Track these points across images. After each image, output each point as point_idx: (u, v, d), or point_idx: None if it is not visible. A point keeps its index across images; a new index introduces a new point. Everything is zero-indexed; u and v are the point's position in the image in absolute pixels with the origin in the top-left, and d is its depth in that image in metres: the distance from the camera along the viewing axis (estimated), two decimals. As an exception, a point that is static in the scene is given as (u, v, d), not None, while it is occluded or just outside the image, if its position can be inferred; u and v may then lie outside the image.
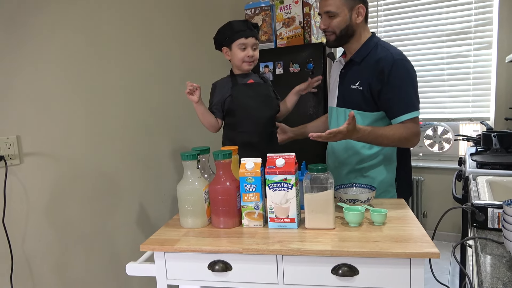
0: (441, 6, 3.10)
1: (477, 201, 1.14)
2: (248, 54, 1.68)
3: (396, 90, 1.47)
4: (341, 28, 1.53)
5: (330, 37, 1.57)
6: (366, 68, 1.52)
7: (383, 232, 1.16)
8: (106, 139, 1.83)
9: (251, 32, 1.68)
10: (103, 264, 1.82)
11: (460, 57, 3.10)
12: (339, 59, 1.68)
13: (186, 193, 1.29)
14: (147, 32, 2.06)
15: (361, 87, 1.52)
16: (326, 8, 1.52)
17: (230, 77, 1.75)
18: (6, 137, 1.42)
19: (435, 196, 3.21)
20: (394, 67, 1.47)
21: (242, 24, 1.68)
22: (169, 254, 1.19)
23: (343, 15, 1.51)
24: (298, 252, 1.08)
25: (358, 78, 1.54)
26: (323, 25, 1.56)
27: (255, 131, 1.71)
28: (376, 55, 1.52)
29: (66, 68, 1.64)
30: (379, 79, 1.48)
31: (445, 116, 3.22)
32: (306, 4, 2.58)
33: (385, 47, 1.54)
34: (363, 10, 1.53)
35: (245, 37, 1.67)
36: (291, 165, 1.21)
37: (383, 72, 1.47)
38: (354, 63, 1.57)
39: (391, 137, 1.46)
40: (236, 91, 1.70)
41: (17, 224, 1.48)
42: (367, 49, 1.55)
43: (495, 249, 1.01)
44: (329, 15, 1.52)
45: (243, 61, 1.69)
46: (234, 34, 1.67)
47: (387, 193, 1.61)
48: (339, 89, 1.63)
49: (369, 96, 1.51)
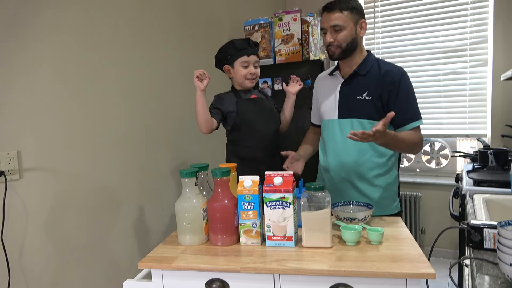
0: (437, 24, 3.16)
1: (473, 221, 1.15)
2: (250, 71, 1.73)
3: (405, 100, 1.59)
4: (347, 41, 1.59)
5: (336, 50, 1.61)
6: (373, 80, 1.61)
7: (380, 251, 1.17)
8: (106, 154, 1.84)
9: (252, 50, 1.73)
10: (101, 280, 1.81)
11: (456, 74, 3.14)
12: (336, 74, 1.72)
13: (184, 210, 1.30)
14: (147, 48, 2.09)
15: (370, 97, 1.60)
16: (333, 22, 1.57)
17: (233, 92, 1.79)
18: (7, 153, 1.43)
19: (433, 212, 3.21)
20: (403, 79, 1.60)
21: (244, 43, 1.74)
22: (166, 272, 1.19)
23: (350, 29, 1.58)
24: (295, 271, 1.08)
25: (365, 89, 1.61)
26: (330, 39, 1.60)
27: (260, 146, 1.74)
28: (380, 68, 1.62)
29: (65, 82, 1.66)
30: (389, 90, 1.58)
31: (442, 132, 3.25)
32: (304, 22, 2.63)
33: (384, 62, 1.67)
34: (365, 25, 1.63)
35: (247, 55, 1.72)
36: (288, 184, 1.22)
37: (394, 83, 1.58)
38: (358, 76, 1.64)
39: (407, 141, 1.56)
40: (241, 107, 1.73)
41: (15, 238, 1.48)
42: (369, 62, 1.64)
43: (490, 269, 1.02)
44: (335, 28, 1.58)
45: (246, 78, 1.74)
46: (236, 52, 1.72)
47: (393, 201, 1.69)
48: (340, 101, 1.67)
49: (380, 105, 1.60)
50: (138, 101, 2.03)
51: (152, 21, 2.12)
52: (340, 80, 1.69)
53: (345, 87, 1.67)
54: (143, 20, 2.06)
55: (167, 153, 2.23)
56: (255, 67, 1.75)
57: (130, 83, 1.98)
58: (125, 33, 1.94)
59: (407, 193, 3.24)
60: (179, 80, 2.32)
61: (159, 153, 2.18)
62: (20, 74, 1.48)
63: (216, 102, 1.77)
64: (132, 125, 1.99)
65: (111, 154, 1.87)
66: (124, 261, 1.93)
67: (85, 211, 1.74)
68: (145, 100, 2.07)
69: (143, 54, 2.06)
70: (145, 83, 2.07)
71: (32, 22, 1.52)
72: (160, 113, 2.18)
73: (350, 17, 1.57)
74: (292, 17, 2.65)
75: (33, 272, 1.53)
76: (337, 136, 1.67)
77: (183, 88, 2.35)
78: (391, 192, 1.69)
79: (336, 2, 1.58)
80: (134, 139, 2.01)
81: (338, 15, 1.57)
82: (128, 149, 1.97)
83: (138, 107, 2.03)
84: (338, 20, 1.57)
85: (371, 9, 3.39)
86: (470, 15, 3.05)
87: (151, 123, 2.12)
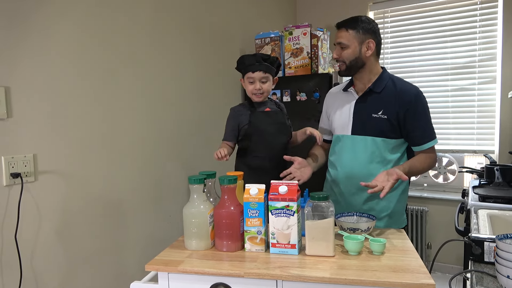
0: (447, 41, 3.19)
1: (474, 234, 1.17)
2: (255, 87, 1.76)
3: (422, 120, 1.64)
4: (350, 59, 1.63)
5: (340, 66, 1.68)
6: (389, 98, 1.63)
7: (382, 261, 1.19)
8: (117, 161, 1.90)
9: (258, 66, 1.75)
10: (109, 282, 1.85)
11: (465, 90, 3.16)
12: (350, 90, 1.74)
13: (191, 215, 1.34)
14: (161, 58, 2.16)
15: (385, 116, 1.62)
16: (338, 39, 1.65)
17: (248, 105, 1.84)
18: (24, 155, 1.49)
19: (439, 227, 3.20)
20: (418, 98, 1.63)
21: (252, 59, 1.76)
22: (172, 275, 1.23)
23: (353, 48, 1.62)
24: (298, 278, 1.11)
25: (380, 108, 1.63)
26: (335, 55, 1.68)
27: (268, 156, 1.78)
28: (396, 86, 1.65)
29: (82, 89, 1.73)
30: (405, 109, 1.61)
31: (450, 148, 3.25)
32: (314, 36, 2.68)
33: (400, 79, 1.70)
34: (373, 45, 1.64)
35: (252, 71, 1.75)
36: (293, 193, 1.26)
37: (410, 103, 1.61)
38: (372, 93, 1.66)
39: (421, 168, 1.65)
40: (255, 118, 1.78)
41: (28, 239, 1.53)
42: (384, 80, 1.67)
43: (490, 282, 1.03)
44: (341, 46, 1.64)
45: (252, 94, 1.78)
46: (244, 68, 1.78)
47: (401, 215, 1.73)
48: (354, 118, 1.69)
49: (396, 124, 1.62)
50: (150, 110, 2.09)
51: (165, 33, 2.19)
52: (355, 97, 1.70)
53: (360, 104, 1.68)
54: (156, 31, 2.13)
55: (177, 161, 2.28)
56: (263, 82, 1.77)
57: (144, 92, 2.04)
58: (140, 44, 2.02)
59: (413, 207, 3.23)
60: (190, 90, 2.39)
61: (169, 160, 2.23)
62: (38, 79, 1.55)
63: (229, 122, 1.83)
64: (144, 133, 2.05)
65: (123, 161, 1.93)
66: (132, 266, 1.97)
67: (95, 215, 1.79)
68: (156, 109, 2.13)
69: (156, 65, 2.13)
70: (158, 93, 2.14)
71: (53, 25, 1.60)
72: (171, 121, 2.24)
73: (355, 37, 1.61)
74: (302, 31, 2.71)
75: (43, 273, 1.58)
76: (349, 151, 1.69)
77: (194, 97, 2.42)
78: (400, 207, 1.71)
79: (346, 20, 1.64)
80: (146, 147, 2.06)
81: (344, 33, 1.63)
82: (139, 156, 2.02)
83: (150, 116, 2.09)
84: (342, 38, 1.63)
85: (381, 24, 3.44)
86: (479, 32, 3.09)
87: (162, 132, 2.17)
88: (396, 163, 1.66)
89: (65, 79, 1.65)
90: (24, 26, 1.49)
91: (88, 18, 1.75)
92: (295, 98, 2.73)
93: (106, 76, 1.84)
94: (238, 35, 2.88)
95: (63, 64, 1.64)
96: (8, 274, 1.45)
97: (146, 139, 2.07)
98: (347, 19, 1.65)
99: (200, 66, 2.47)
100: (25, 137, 1.51)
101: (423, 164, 1.64)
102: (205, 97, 2.52)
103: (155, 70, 2.12)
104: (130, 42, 1.96)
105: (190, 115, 2.39)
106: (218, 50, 2.64)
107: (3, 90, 1.42)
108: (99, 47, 1.80)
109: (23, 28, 1.49)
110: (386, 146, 1.64)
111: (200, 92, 2.47)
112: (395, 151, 1.66)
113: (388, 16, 3.42)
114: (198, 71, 2.45)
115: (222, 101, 2.68)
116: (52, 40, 1.59)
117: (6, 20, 1.43)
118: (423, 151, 1.66)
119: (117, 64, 1.90)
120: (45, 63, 1.57)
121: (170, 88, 2.23)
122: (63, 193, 1.65)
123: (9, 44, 1.45)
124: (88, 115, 1.76)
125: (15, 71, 1.47)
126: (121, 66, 1.92)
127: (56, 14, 1.60)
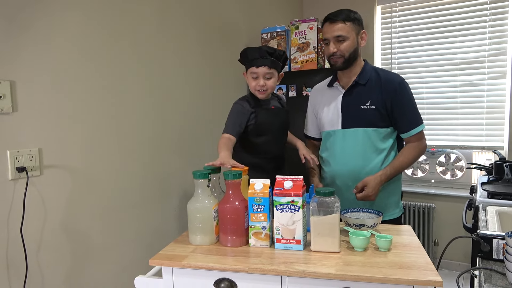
0: (455, 35, 3.14)
1: (483, 231, 1.15)
2: (259, 83, 1.67)
3: (407, 107, 1.66)
4: (350, 51, 1.63)
5: (338, 60, 1.65)
6: (374, 89, 1.66)
7: (388, 258, 1.17)
8: (123, 156, 1.90)
9: (263, 60, 1.64)
10: (113, 277, 1.86)
11: (474, 86, 3.11)
12: (335, 85, 1.75)
13: (196, 210, 1.33)
14: (165, 54, 2.15)
15: (374, 106, 1.64)
16: (336, 32, 1.61)
17: (252, 100, 1.73)
18: (29, 149, 1.50)
19: (446, 224, 3.17)
20: (403, 86, 1.66)
21: (255, 52, 1.66)
22: (176, 269, 1.22)
23: (352, 39, 1.63)
24: (303, 274, 1.10)
25: (368, 98, 1.66)
26: (334, 49, 1.63)
27: (269, 155, 1.74)
28: (380, 76, 1.67)
29: (87, 83, 1.72)
30: (391, 98, 1.63)
31: (458, 144, 3.21)
32: (320, 30, 2.66)
33: (382, 70, 1.73)
34: (366, 35, 1.69)
35: (256, 66, 1.65)
36: (298, 188, 1.24)
37: (396, 91, 1.64)
38: (358, 85, 1.68)
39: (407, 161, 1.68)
40: (261, 117, 1.70)
41: (34, 233, 1.53)
42: (368, 71, 1.69)
43: (499, 280, 1.01)
44: (339, 39, 1.62)
45: (255, 90, 1.70)
46: (248, 62, 1.69)
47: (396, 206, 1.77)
48: (343, 112, 1.70)
49: (385, 113, 1.65)
50: (156, 105, 2.08)
51: (171, 27, 2.18)
52: (341, 91, 1.72)
53: (347, 98, 1.70)
54: (162, 26, 2.12)
55: (182, 156, 2.28)
56: (267, 78, 1.66)
57: (149, 87, 2.04)
58: (146, 39, 2.01)
59: (420, 204, 3.20)
60: (196, 85, 2.38)
61: (175, 155, 2.22)
62: (44, 73, 1.55)
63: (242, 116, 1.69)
64: (150, 129, 2.05)
65: (128, 156, 1.92)
66: (136, 261, 1.97)
67: (100, 209, 1.79)
68: (162, 105, 2.12)
69: (163, 59, 2.12)
70: (164, 88, 2.13)
71: (59, 18, 1.59)
72: (177, 116, 2.23)
73: (352, 28, 1.62)
74: (309, 26, 2.69)
75: (49, 267, 1.58)
76: (342, 145, 1.70)
77: (200, 92, 2.41)
78: (394, 198, 1.75)
79: (338, 13, 1.63)
80: (151, 142, 2.06)
81: (341, 25, 1.61)
82: (145, 151, 2.02)
83: (156, 111, 2.08)
84: (341, 30, 1.61)
85: (388, 19, 3.40)
86: (489, 26, 3.03)
87: (168, 127, 2.17)
88: (389, 150, 1.70)
89: (70, 73, 1.65)
90: (29, 19, 1.49)
91: (95, 11, 1.74)
92: (301, 93, 2.71)
93: (112, 70, 1.83)
94: (244, 30, 2.86)
95: (69, 58, 1.64)
96: (14, 268, 1.46)
97: (152, 133, 2.06)
98: (338, 12, 1.63)
99: (206, 61, 2.45)
100: (30, 131, 1.51)
101: (409, 156, 1.68)
102: (211, 92, 2.51)
103: (161, 65, 2.11)
104: (137, 37, 1.95)
105: (195, 110, 2.38)
106: (224, 45, 2.62)
107: (8, 84, 1.42)
108: (105, 41, 1.79)
109: (28, 22, 1.48)
110: (378, 136, 1.66)
111: (206, 87, 2.46)
112: (386, 139, 1.69)
113: (396, 10, 3.37)
114: (204, 66, 2.44)
115: (228, 96, 2.66)
116: (57, 34, 1.59)
117: (11, 13, 1.43)
118: (411, 137, 1.68)
119: (123, 59, 1.89)
120: (51, 56, 1.57)
121: (176, 83, 2.22)
122: (68, 187, 1.65)
123: (14, 37, 1.44)
124: (94, 109, 1.75)
125: (20, 65, 1.47)
126: (127, 61, 1.91)
127: (61, 7, 1.60)
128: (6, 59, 1.42)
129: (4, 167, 1.42)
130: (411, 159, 1.69)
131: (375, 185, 1.59)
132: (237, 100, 1.80)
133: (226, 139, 1.63)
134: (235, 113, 1.72)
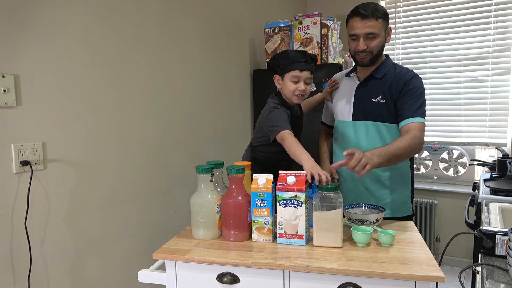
0: (460, 31, 3.12)
1: (485, 227, 1.15)
2: (299, 88, 1.59)
3: (411, 96, 1.59)
4: (378, 48, 1.61)
5: (366, 56, 1.60)
6: (388, 83, 1.63)
7: (390, 253, 1.18)
8: (126, 150, 1.90)
9: (307, 65, 1.59)
10: (117, 270, 1.87)
11: (477, 82, 3.10)
12: (352, 75, 1.74)
13: (199, 205, 1.33)
14: (169, 49, 2.15)
15: (384, 100, 1.62)
16: (368, 29, 1.56)
17: (284, 107, 1.64)
18: (33, 143, 1.50)
19: (448, 221, 3.17)
20: (413, 79, 1.60)
21: (300, 55, 1.59)
22: (179, 263, 1.23)
23: (381, 36, 1.60)
24: (305, 268, 1.11)
25: (380, 92, 1.63)
26: (364, 46, 1.57)
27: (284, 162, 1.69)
28: (396, 71, 1.64)
29: (91, 78, 1.73)
30: (399, 89, 1.60)
31: (461, 140, 3.20)
32: (324, 26, 2.64)
33: (401, 66, 1.69)
34: (391, 31, 1.66)
35: (300, 70, 1.58)
36: (301, 183, 1.25)
37: (405, 83, 1.59)
38: (373, 79, 1.66)
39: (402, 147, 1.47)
40: (291, 124, 1.61)
41: (38, 226, 1.54)
42: (387, 66, 1.66)
43: (501, 276, 1.02)
44: (369, 36, 1.57)
45: (294, 94, 1.60)
46: (289, 64, 1.59)
47: (404, 204, 1.70)
48: (355, 103, 1.69)
49: (393, 107, 1.62)
50: (160, 101, 2.08)
51: (174, 22, 2.18)
52: (356, 82, 1.71)
53: (360, 90, 1.69)
54: (165, 20, 2.12)
55: (185, 151, 2.28)
56: (307, 83, 1.60)
57: (153, 82, 2.04)
58: (149, 33, 2.00)
59: (423, 200, 3.20)
60: (199, 80, 2.37)
61: (178, 150, 2.23)
62: (47, 67, 1.55)
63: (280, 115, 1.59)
64: (153, 124, 2.05)
65: (131, 151, 1.93)
66: (139, 254, 1.98)
67: (103, 203, 1.80)
68: (166, 100, 2.13)
69: (166, 54, 2.11)
70: (167, 83, 2.13)
71: (63, 12, 1.59)
72: (180, 113, 2.23)
73: (383, 25, 1.58)
74: (312, 21, 2.67)
75: (53, 260, 1.60)
76: (351, 137, 1.69)
77: (202, 87, 2.40)
78: (403, 195, 1.69)
79: (370, 8, 1.55)
80: (154, 137, 2.06)
81: (373, 23, 1.55)
82: (147, 147, 2.02)
83: (159, 106, 2.08)
84: (373, 28, 1.55)
85: (392, 14, 3.38)
86: (493, 22, 3.01)
87: (171, 122, 2.17)
88: None
89: (74, 67, 1.65)
90: (33, 13, 1.49)
91: (99, 6, 1.74)
92: (304, 89, 2.70)
93: (116, 65, 1.83)
94: (247, 25, 2.85)
95: (73, 52, 1.64)
96: (18, 260, 1.47)
97: (155, 128, 2.07)
98: (368, 7, 1.55)
99: (208, 56, 2.45)
100: (34, 125, 1.51)
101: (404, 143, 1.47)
102: (213, 87, 2.50)
103: (164, 60, 2.11)
104: (140, 31, 1.95)
105: (198, 105, 2.38)
106: (226, 40, 2.61)
107: (12, 78, 1.42)
108: (109, 36, 1.79)
109: (32, 17, 1.48)
110: (387, 130, 1.64)
111: (208, 83, 2.46)
112: (395, 134, 1.64)
113: (400, 5, 3.35)
114: (206, 61, 2.43)
115: (230, 92, 2.66)
116: (61, 29, 1.59)
117: (15, 8, 1.43)
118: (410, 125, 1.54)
119: (127, 54, 1.89)
120: (54, 50, 1.57)
121: (179, 78, 2.22)
122: (72, 181, 1.66)
123: (18, 32, 1.44)
124: (97, 103, 1.76)
125: (24, 59, 1.47)
126: (131, 55, 1.91)
127: (65, 3, 1.60)
128: (10, 54, 1.43)
129: (8, 160, 1.43)
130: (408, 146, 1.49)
131: (371, 154, 1.38)
132: (270, 104, 1.66)
133: (295, 139, 1.53)
134: (282, 113, 1.61)
